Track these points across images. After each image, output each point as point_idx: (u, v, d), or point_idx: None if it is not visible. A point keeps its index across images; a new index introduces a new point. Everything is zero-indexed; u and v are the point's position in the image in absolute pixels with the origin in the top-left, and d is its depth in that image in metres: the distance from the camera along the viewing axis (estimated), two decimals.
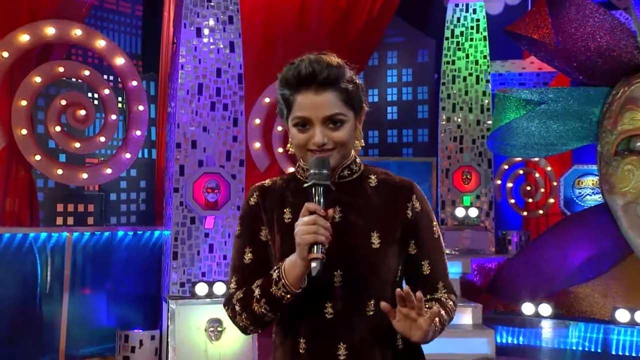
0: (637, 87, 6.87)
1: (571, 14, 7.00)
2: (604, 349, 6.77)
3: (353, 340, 1.68)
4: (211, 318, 6.31)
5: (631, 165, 6.78)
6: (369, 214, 1.74)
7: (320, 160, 1.66)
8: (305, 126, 1.71)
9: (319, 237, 1.56)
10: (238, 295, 1.73)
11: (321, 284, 1.67)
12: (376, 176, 1.81)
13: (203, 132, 6.68)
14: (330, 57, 1.72)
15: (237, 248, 1.82)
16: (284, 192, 1.82)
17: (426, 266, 1.79)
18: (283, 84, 1.74)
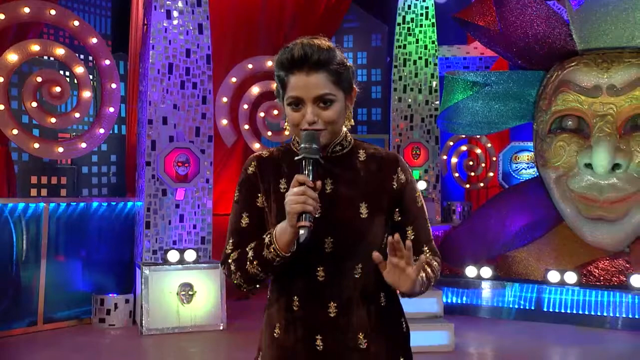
0: (569, 71, 7.10)
1: (512, 4, 7.17)
2: (537, 306, 7.04)
3: (342, 299, 1.73)
4: (182, 282, 6.37)
5: (563, 142, 7.02)
6: (358, 186, 1.77)
7: (311, 135, 1.69)
8: (298, 105, 1.71)
9: (307, 207, 1.58)
10: (233, 256, 1.77)
11: (314, 250, 1.71)
12: (365, 151, 1.83)
13: (173, 109, 6.67)
14: (322, 41, 1.74)
15: (235, 213, 1.84)
16: (280, 163, 1.83)
17: (410, 232, 1.81)
18: (278, 66, 1.74)
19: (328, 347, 1.72)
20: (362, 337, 1.74)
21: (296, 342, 1.74)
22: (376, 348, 1.75)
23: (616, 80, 6.83)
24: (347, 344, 1.73)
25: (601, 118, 6.78)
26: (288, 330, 1.76)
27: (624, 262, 7.03)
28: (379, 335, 1.76)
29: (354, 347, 1.73)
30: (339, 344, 1.73)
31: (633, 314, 6.66)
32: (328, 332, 1.72)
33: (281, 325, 1.78)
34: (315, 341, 1.73)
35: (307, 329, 1.74)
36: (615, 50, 6.95)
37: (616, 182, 6.69)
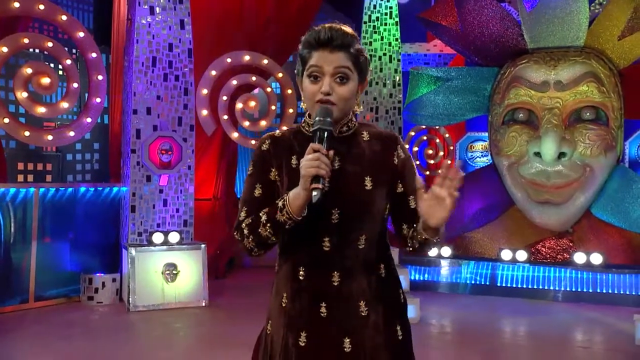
0: (520, 67, 7.28)
1: (470, 5, 7.32)
2: (491, 282, 7.25)
3: (345, 268, 1.75)
4: (167, 262, 6.39)
5: (515, 133, 7.22)
6: (362, 162, 1.80)
7: (325, 110, 1.71)
8: (317, 78, 1.74)
9: (320, 170, 1.61)
10: (247, 221, 1.77)
11: (321, 221, 1.73)
12: (368, 131, 1.86)
13: (157, 100, 6.65)
14: (346, 27, 1.77)
15: (248, 185, 1.86)
16: (291, 141, 1.84)
17: (412, 201, 1.82)
18: (304, 45, 1.77)
19: (332, 313, 1.74)
20: (363, 305, 1.76)
21: (302, 309, 1.76)
22: (375, 315, 1.77)
23: (562, 76, 7.04)
24: (349, 311, 1.75)
25: (549, 111, 7.00)
26: (294, 299, 1.77)
27: (568, 241, 7.29)
28: (378, 304, 1.78)
29: (355, 314, 1.75)
30: (341, 311, 1.74)
31: (575, 288, 6.93)
32: (332, 299, 1.74)
33: (288, 294, 1.79)
34: (320, 308, 1.74)
35: (312, 297, 1.75)
36: (561, 49, 7.16)
37: (562, 169, 6.92)
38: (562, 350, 5.19)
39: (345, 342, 1.73)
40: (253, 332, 6.01)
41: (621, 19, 6.95)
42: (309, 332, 1.75)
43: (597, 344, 5.51)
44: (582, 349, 5.37)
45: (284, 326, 1.79)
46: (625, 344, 5.19)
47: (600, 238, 7.00)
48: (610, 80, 7.07)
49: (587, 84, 6.98)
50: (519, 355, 5.15)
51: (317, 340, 1.74)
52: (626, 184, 6.96)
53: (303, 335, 1.75)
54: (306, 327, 1.75)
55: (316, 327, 1.74)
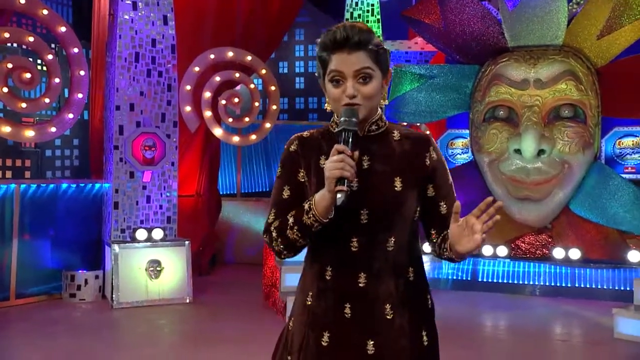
0: (501, 65, 7.39)
1: (452, 4, 7.40)
2: (472, 277, 7.36)
3: (372, 270, 1.72)
4: (151, 259, 6.37)
5: (496, 130, 7.33)
6: (392, 162, 1.77)
7: (350, 110, 1.68)
8: (339, 82, 1.71)
9: (345, 172, 1.59)
10: (275, 224, 1.76)
11: (350, 221, 1.71)
12: (399, 131, 1.83)
13: (140, 96, 6.63)
14: (362, 24, 1.74)
15: (277, 186, 1.84)
16: (320, 142, 1.82)
17: (443, 206, 1.80)
18: (321, 47, 1.74)
19: (356, 314, 1.72)
20: (389, 308, 1.72)
21: (327, 309, 1.74)
22: (401, 320, 1.73)
23: (542, 74, 7.16)
24: (373, 313, 1.72)
25: (529, 109, 7.11)
26: (320, 298, 1.76)
27: (547, 236, 7.43)
28: (405, 308, 1.74)
29: (380, 317, 1.72)
30: (366, 313, 1.72)
31: (554, 282, 7.07)
32: (357, 300, 1.72)
33: (314, 292, 1.77)
34: (344, 309, 1.72)
35: (338, 297, 1.73)
36: (541, 48, 7.27)
37: (541, 166, 7.04)
38: (541, 343, 5.30)
39: (368, 344, 1.71)
40: (237, 328, 6.08)
41: (599, 19, 7.08)
42: (332, 332, 1.73)
43: (576, 337, 5.64)
44: (561, 342, 5.49)
45: (306, 324, 1.78)
46: (603, 337, 5.33)
47: (579, 233, 7.14)
48: (588, 78, 7.20)
49: (566, 82, 7.10)
50: (499, 349, 5.25)
51: (340, 340, 1.72)
52: (603, 181, 7.10)
53: (326, 335, 1.73)
54: (330, 327, 1.73)
55: (340, 327, 1.72)
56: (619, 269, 6.84)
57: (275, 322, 5.68)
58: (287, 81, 9.40)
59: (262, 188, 9.65)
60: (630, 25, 6.97)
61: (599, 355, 4.97)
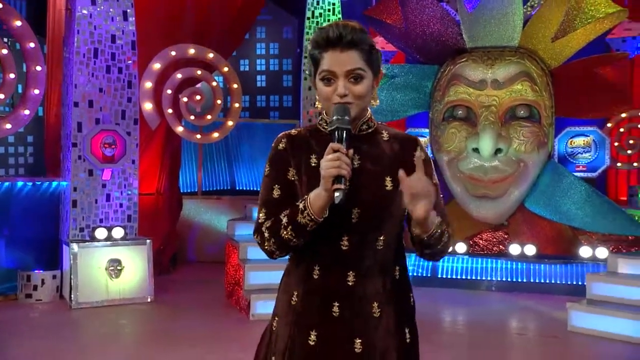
0: (459, 66, 7.54)
1: (413, 4, 7.51)
2: (432, 274, 7.49)
3: (361, 269, 1.73)
4: (111, 258, 6.28)
5: (454, 129, 7.47)
6: (382, 162, 1.78)
7: (342, 108, 1.68)
8: (330, 80, 1.71)
9: (342, 171, 1.59)
10: (267, 224, 1.75)
11: (341, 220, 1.70)
12: (387, 132, 1.84)
13: (99, 93, 6.52)
14: (355, 23, 1.73)
15: (266, 185, 1.82)
16: (309, 140, 1.81)
17: None
18: (314, 45, 1.73)
19: (344, 313, 1.72)
20: (376, 306, 1.74)
21: (314, 308, 1.74)
22: (387, 318, 1.75)
23: (499, 75, 7.33)
24: (361, 311, 1.73)
25: (486, 108, 7.27)
26: (306, 297, 1.75)
27: (503, 233, 7.63)
28: (391, 306, 1.76)
29: (368, 315, 1.73)
30: (354, 312, 1.72)
31: (510, 278, 7.27)
32: (345, 299, 1.72)
33: (299, 292, 1.77)
34: (332, 307, 1.72)
35: (326, 296, 1.73)
36: (497, 49, 7.45)
37: (498, 165, 7.20)
38: (499, 337, 5.47)
39: (356, 343, 1.71)
40: (200, 326, 6.06)
41: (553, 22, 7.31)
42: (319, 331, 1.73)
43: (532, 330, 5.83)
44: (518, 335, 5.67)
45: (292, 324, 1.77)
46: (558, 330, 5.52)
47: (534, 230, 7.37)
48: (543, 79, 7.42)
49: (522, 83, 7.29)
50: (458, 343, 5.39)
51: (327, 339, 1.72)
52: (557, 179, 7.34)
53: (313, 334, 1.73)
54: (317, 326, 1.73)
55: (327, 326, 1.72)
56: (571, 264, 7.09)
57: (238, 320, 5.69)
58: (248, 79, 9.39)
59: (224, 186, 9.62)
60: (582, 28, 7.21)
61: (554, 348, 5.15)
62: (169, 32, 7.44)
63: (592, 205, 7.12)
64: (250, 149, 9.75)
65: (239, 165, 9.75)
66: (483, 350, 5.07)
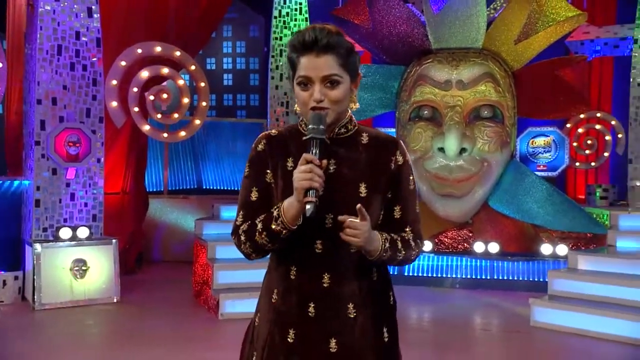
0: (425, 66, 7.66)
1: (380, 5, 7.60)
2: (398, 272, 7.54)
3: (336, 271, 1.75)
4: (76, 258, 6.18)
5: (420, 129, 7.59)
6: (358, 167, 1.77)
7: (318, 117, 1.68)
8: (307, 85, 1.71)
9: (313, 183, 1.60)
10: (243, 227, 1.77)
11: (315, 225, 1.71)
12: (367, 134, 1.83)
13: (63, 90, 6.41)
14: (331, 27, 1.73)
15: (245, 187, 1.83)
16: (287, 142, 1.82)
17: (397, 211, 1.81)
18: (291, 48, 1.74)
19: (319, 314, 1.75)
20: (352, 307, 1.76)
21: (291, 307, 1.77)
22: (363, 318, 1.77)
23: (463, 76, 7.48)
24: (337, 312, 1.75)
25: (451, 109, 7.41)
26: (285, 297, 1.78)
27: (468, 231, 7.78)
28: (367, 307, 1.78)
29: (344, 316, 1.76)
30: (329, 312, 1.75)
31: (474, 275, 7.42)
32: (321, 300, 1.75)
33: (279, 291, 1.80)
34: (308, 308, 1.75)
35: (302, 296, 1.76)
36: (462, 50, 7.60)
37: (463, 164, 7.35)
38: (464, 333, 5.58)
39: (331, 343, 1.74)
40: (169, 326, 6.02)
41: (515, 24, 7.48)
42: (297, 330, 1.76)
43: (496, 326, 5.96)
44: (482, 331, 5.79)
45: (271, 322, 1.81)
46: (521, 325, 5.66)
47: (497, 228, 7.53)
48: (505, 80, 7.59)
49: (485, 84, 7.45)
50: (424, 339, 5.47)
51: (304, 338, 1.76)
52: (519, 178, 7.52)
53: (292, 332, 1.76)
54: (295, 325, 1.76)
55: (304, 325, 1.76)
56: (533, 261, 7.27)
57: (207, 320, 5.67)
58: (214, 77, 9.35)
59: (190, 185, 9.55)
60: (543, 31, 7.41)
61: (518, 343, 5.28)
62: (134, 30, 7.35)
63: (553, 204, 7.33)
64: (217, 148, 9.70)
65: (206, 164, 9.69)
66: (449, 347, 5.17)
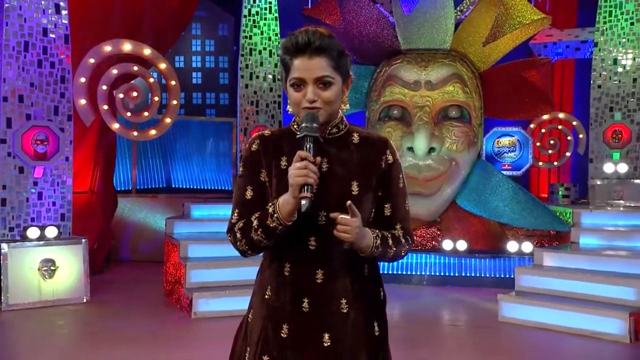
0: (395, 67, 7.77)
1: (350, 5, 7.68)
2: None
3: (329, 267, 1.79)
4: (44, 258, 6.08)
5: (390, 129, 7.68)
6: (350, 166, 1.82)
7: (311, 115, 1.73)
8: (300, 86, 1.76)
9: (308, 180, 1.66)
10: (239, 225, 1.82)
11: (309, 222, 1.76)
12: (358, 134, 1.88)
13: (31, 87, 6.30)
14: (323, 30, 1.78)
15: (239, 186, 1.88)
16: (281, 142, 1.86)
17: (388, 208, 1.87)
18: (284, 50, 1.78)
19: (313, 309, 1.80)
20: (344, 302, 1.81)
21: (285, 303, 1.81)
22: (355, 313, 1.83)
23: (432, 77, 7.61)
24: (330, 307, 1.80)
25: (420, 109, 7.53)
26: (278, 292, 1.82)
27: (436, 229, 7.91)
28: (359, 302, 1.84)
29: (336, 311, 1.81)
30: (323, 308, 1.80)
31: (442, 272, 7.55)
32: (314, 296, 1.80)
33: (272, 287, 1.84)
34: (302, 303, 1.80)
35: (296, 292, 1.80)
36: (431, 52, 7.74)
37: (431, 163, 7.48)
38: (433, 328, 5.68)
39: (325, 337, 1.80)
40: (141, 326, 5.99)
41: (482, 27, 7.64)
42: (290, 325, 1.81)
43: (465, 321, 6.09)
44: (452, 326, 5.91)
45: (265, 318, 1.85)
46: (489, 320, 5.79)
47: (464, 226, 7.68)
48: (473, 81, 7.76)
49: (453, 85, 7.59)
50: (394, 335, 5.51)
51: (298, 333, 1.80)
52: (486, 177, 7.68)
53: (285, 327, 1.81)
54: (288, 320, 1.81)
55: (297, 321, 1.80)
56: (499, 259, 7.43)
57: (180, 319, 5.65)
58: (183, 76, 9.27)
59: (159, 184, 9.46)
60: (510, 33, 7.59)
61: (486, 337, 5.41)
62: (104, 27, 7.26)
63: (518, 202, 7.51)
64: (186, 147, 9.64)
65: (175, 162, 9.62)
66: (419, 342, 5.26)
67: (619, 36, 8.50)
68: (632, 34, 8.43)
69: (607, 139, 8.51)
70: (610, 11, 8.57)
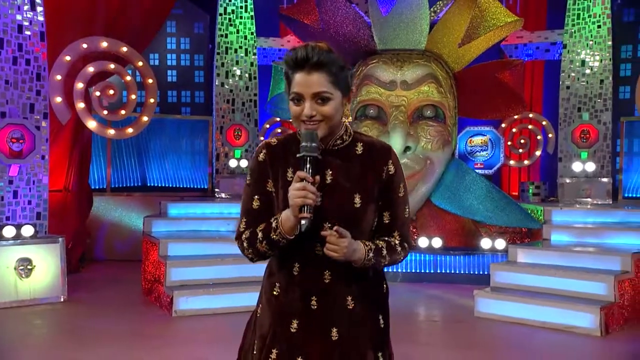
0: (371, 67, 7.85)
1: (327, 5, 7.73)
2: None
3: (336, 269, 1.86)
4: (20, 257, 6.02)
5: (367, 127, 7.75)
6: (353, 178, 1.88)
7: (310, 134, 1.78)
8: (299, 101, 1.81)
9: (307, 200, 1.71)
10: (246, 234, 1.90)
11: (314, 231, 1.81)
12: (362, 144, 1.93)
13: (6, 85, 6.22)
14: (324, 45, 1.82)
15: (247, 195, 1.93)
16: (287, 152, 1.91)
17: (387, 216, 1.93)
18: (285, 65, 1.84)
19: (321, 307, 1.88)
20: (350, 299, 1.90)
21: (294, 301, 1.89)
22: (361, 308, 1.91)
23: (407, 76, 7.71)
24: (336, 305, 1.89)
25: (396, 108, 7.63)
26: (287, 290, 1.90)
27: (412, 227, 8.06)
28: (365, 298, 1.93)
29: (343, 307, 1.89)
30: (330, 305, 1.88)
31: (418, 269, 7.68)
32: (322, 294, 1.88)
33: (281, 285, 1.91)
34: (311, 301, 1.88)
35: (304, 291, 1.88)
36: (406, 52, 7.84)
37: (407, 162, 7.57)
38: (410, 324, 5.77)
39: (332, 332, 1.88)
40: (120, 325, 5.99)
41: (457, 28, 7.78)
42: (299, 321, 1.88)
43: (441, 317, 6.22)
44: (431, 322, 6.03)
45: (275, 313, 1.92)
46: (465, 316, 5.93)
47: (440, 224, 7.82)
48: (447, 82, 7.89)
49: (428, 85, 7.71)
50: None
51: (306, 328, 1.88)
52: (460, 176, 7.83)
53: (295, 323, 1.89)
54: (297, 316, 1.89)
55: (306, 317, 1.88)
56: (473, 255, 7.60)
57: (160, 317, 5.66)
58: (158, 74, 9.20)
59: (134, 183, 9.39)
60: (484, 35, 7.75)
61: (463, 332, 5.54)
62: (80, 24, 7.18)
63: (492, 200, 7.67)
64: (161, 145, 9.58)
65: (150, 161, 9.55)
66: (396, 337, 5.32)
67: (587, 38, 8.75)
68: (599, 37, 8.68)
69: (575, 139, 8.75)
70: (578, 14, 8.82)
